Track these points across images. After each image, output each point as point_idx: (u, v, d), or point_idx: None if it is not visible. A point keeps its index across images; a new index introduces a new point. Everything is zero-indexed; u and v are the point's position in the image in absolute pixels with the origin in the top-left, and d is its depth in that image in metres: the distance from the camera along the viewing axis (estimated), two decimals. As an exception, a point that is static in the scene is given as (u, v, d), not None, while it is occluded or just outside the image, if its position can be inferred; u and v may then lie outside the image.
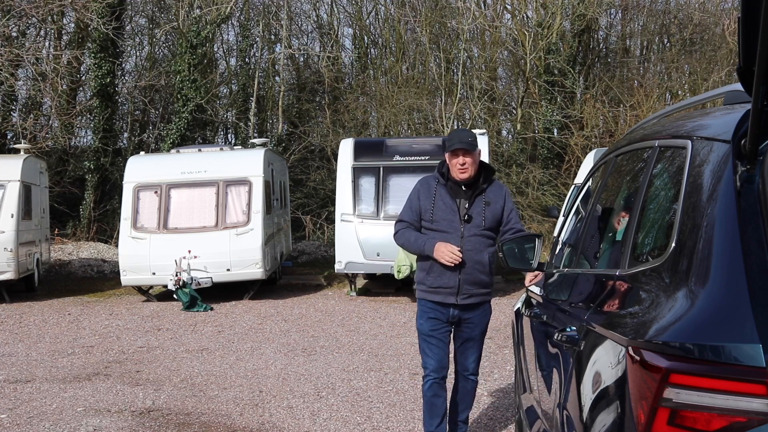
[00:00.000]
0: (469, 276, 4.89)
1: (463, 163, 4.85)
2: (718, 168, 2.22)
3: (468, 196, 4.92)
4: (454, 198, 4.93)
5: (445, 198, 4.93)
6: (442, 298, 4.94)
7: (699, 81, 22.24)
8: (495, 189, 5.01)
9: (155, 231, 13.92)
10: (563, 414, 2.93)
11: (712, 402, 1.86)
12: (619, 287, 2.68)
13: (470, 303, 4.97)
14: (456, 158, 4.87)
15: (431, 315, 5.00)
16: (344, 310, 12.74)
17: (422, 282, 5.03)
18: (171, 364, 8.74)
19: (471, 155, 4.87)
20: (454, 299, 4.93)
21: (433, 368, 5.03)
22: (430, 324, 5.00)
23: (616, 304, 2.63)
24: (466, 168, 4.85)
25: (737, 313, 1.90)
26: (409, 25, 26.15)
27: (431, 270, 4.94)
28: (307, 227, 24.39)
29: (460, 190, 4.93)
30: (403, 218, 5.07)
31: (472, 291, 4.94)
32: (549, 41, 22.86)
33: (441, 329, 5.02)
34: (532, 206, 21.42)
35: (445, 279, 4.90)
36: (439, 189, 4.96)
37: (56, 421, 6.49)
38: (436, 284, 4.94)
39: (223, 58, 29.25)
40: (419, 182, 5.11)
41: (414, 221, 5.00)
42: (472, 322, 5.05)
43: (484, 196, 4.94)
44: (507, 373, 7.77)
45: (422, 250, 4.91)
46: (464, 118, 24.57)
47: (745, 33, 1.96)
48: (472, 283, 4.92)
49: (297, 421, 6.36)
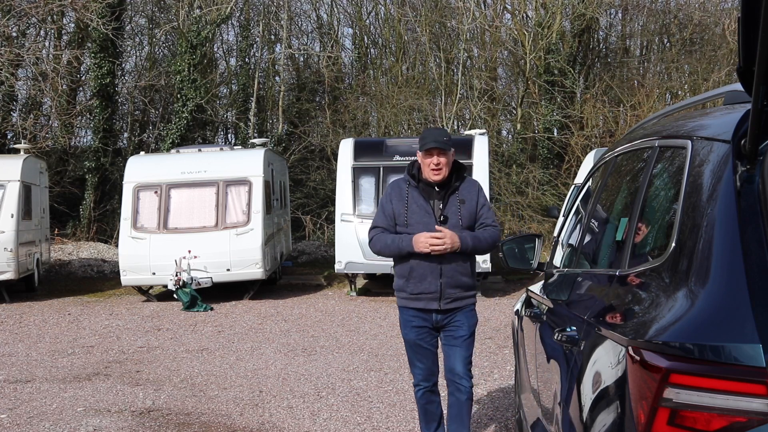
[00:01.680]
0: (451, 279, 4.69)
1: (437, 163, 4.67)
2: (718, 168, 2.22)
3: (441, 196, 4.74)
4: (427, 199, 4.74)
5: (418, 200, 4.75)
6: (423, 304, 4.73)
7: (699, 81, 22.24)
8: (468, 186, 4.82)
9: (155, 231, 13.93)
10: (563, 414, 2.93)
11: (712, 402, 1.86)
12: (619, 287, 2.67)
13: (453, 307, 4.74)
14: (430, 158, 4.68)
15: (415, 323, 4.79)
16: (344, 310, 12.74)
17: (402, 289, 4.80)
18: (171, 364, 8.74)
19: (445, 155, 4.69)
20: (437, 304, 4.71)
21: (422, 377, 4.87)
22: (415, 333, 4.80)
23: (616, 304, 2.62)
24: (440, 169, 4.68)
25: (737, 313, 1.90)
26: (409, 25, 26.15)
27: (410, 275, 4.72)
28: (307, 227, 24.39)
29: (432, 190, 4.75)
30: (377, 224, 4.84)
31: (455, 294, 4.72)
32: (549, 41, 22.87)
33: (427, 337, 4.81)
34: (532, 206, 21.43)
35: (425, 284, 4.69)
36: (411, 191, 4.77)
37: (56, 421, 6.49)
38: (417, 290, 4.72)
39: (223, 58, 29.28)
40: (389, 186, 4.91)
41: (389, 226, 4.79)
42: (458, 320, 4.80)
43: (457, 194, 4.76)
44: (507, 373, 7.76)
45: (401, 248, 4.68)
46: (464, 118, 24.58)
47: (745, 33, 1.96)
48: (454, 287, 4.70)
49: (297, 421, 6.36)
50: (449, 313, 4.76)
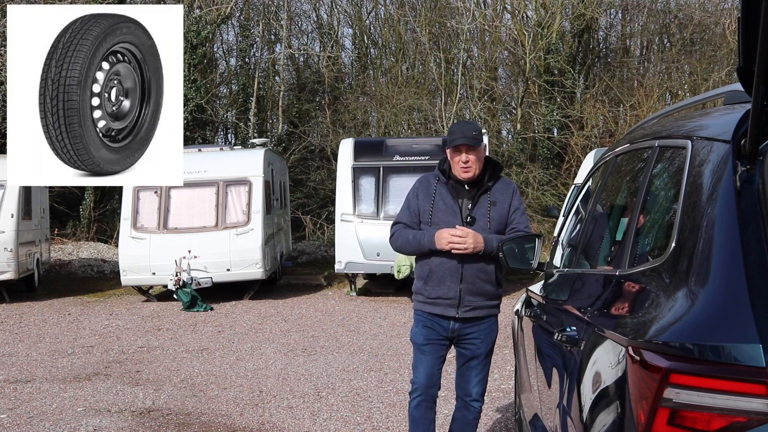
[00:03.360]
0: (472, 286, 4.32)
1: (466, 161, 4.31)
2: (718, 168, 2.22)
3: (471, 195, 4.39)
4: (455, 198, 4.39)
5: (446, 198, 4.40)
6: (441, 310, 4.37)
7: (699, 81, 22.25)
8: (502, 187, 4.46)
9: (155, 231, 13.93)
10: (563, 414, 2.93)
11: (712, 402, 1.86)
12: (619, 287, 2.67)
13: (473, 317, 4.37)
14: (458, 155, 4.33)
15: (427, 324, 4.43)
16: (344, 310, 12.74)
17: (419, 292, 4.47)
18: (171, 364, 8.74)
19: (475, 152, 4.32)
20: (455, 312, 4.35)
21: (421, 383, 4.45)
22: (425, 333, 4.43)
23: (616, 304, 2.63)
24: (470, 166, 4.32)
25: (737, 313, 1.90)
26: (409, 25, 26.16)
27: (429, 278, 4.39)
28: (307, 227, 24.39)
29: (462, 189, 4.40)
30: (400, 220, 4.53)
31: (475, 303, 4.35)
32: (549, 41, 22.88)
33: (437, 341, 4.44)
34: (532, 206, 21.44)
35: (444, 288, 4.34)
36: (440, 188, 4.42)
37: (56, 421, 6.48)
38: (435, 294, 4.37)
39: (223, 58, 29.27)
40: (418, 181, 4.56)
41: (412, 223, 4.46)
42: (476, 338, 4.42)
43: (489, 195, 4.40)
44: (507, 373, 7.77)
45: (422, 245, 4.35)
46: (464, 118, 24.57)
47: (745, 33, 1.96)
48: (475, 294, 4.34)
49: (297, 421, 6.36)
50: (468, 324, 4.40)
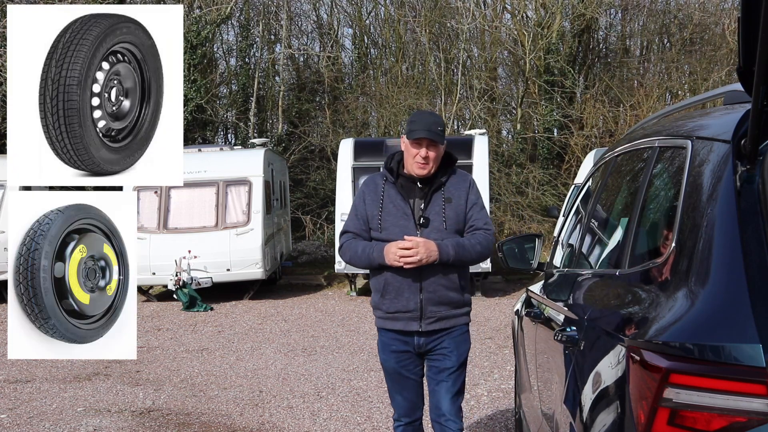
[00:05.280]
0: (433, 295, 3.87)
1: (425, 156, 3.86)
2: (718, 168, 2.22)
3: (424, 194, 3.93)
4: (406, 198, 3.93)
5: (395, 199, 3.94)
6: (402, 325, 3.93)
7: (699, 81, 22.25)
8: (457, 181, 3.99)
9: (155, 231, 13.93)
10: (563, 414, 2.93)
11: (712, 402, 1.86)
12: (619, 287, 2.68)
13: (439, 328, 3.93)
14: (418, 149, 3.86)
15: (394, 347, 3.99)
16: (344, 310, 12.74)
17: (377, 306, 4.01)
18: (171, 364, 8.74)
19: (436, 149, 3.88)
20: (418, 325, 3.91)
21: (403, 412, 4.10)
22: (395, 359, 4.01)
23: (616, 304, 2.63)
24: (427, 163, 3.88)
25: (737, 313, 1.90)
26: (408, 25, 26.15)
27: (386, 290, 3.92)
28: (307, 227, 24.38)
29: (414, 187, 3.94)
30: (347, 229, 4.07)
31: (439, 313, 3.91)
32: (549, 41, 22.88)
33: (410, 365, 4.03)
34: (532, 206, 21.43)
35: (403, 301, 3.89)
36: (388, 189, 3.97)
37: (56, 421, 6.49)
38: (394, 308, 3.92)
39: (223, 58, 29.24)
40: (364, 183, 4.11)
41: (362, 231, 4.00)
42: (446, 347, 3.96)
43: (443, 192, 3.94)
44: (507, 373, 7.77)
45: (372, 260, 3.89)
46: (464, 118, 24.58)
47: (745, 33, 1.96)
48: (438, 304, 3.89)
49: (297, 421, 6.36)
50: (434, 336, 3.95)
